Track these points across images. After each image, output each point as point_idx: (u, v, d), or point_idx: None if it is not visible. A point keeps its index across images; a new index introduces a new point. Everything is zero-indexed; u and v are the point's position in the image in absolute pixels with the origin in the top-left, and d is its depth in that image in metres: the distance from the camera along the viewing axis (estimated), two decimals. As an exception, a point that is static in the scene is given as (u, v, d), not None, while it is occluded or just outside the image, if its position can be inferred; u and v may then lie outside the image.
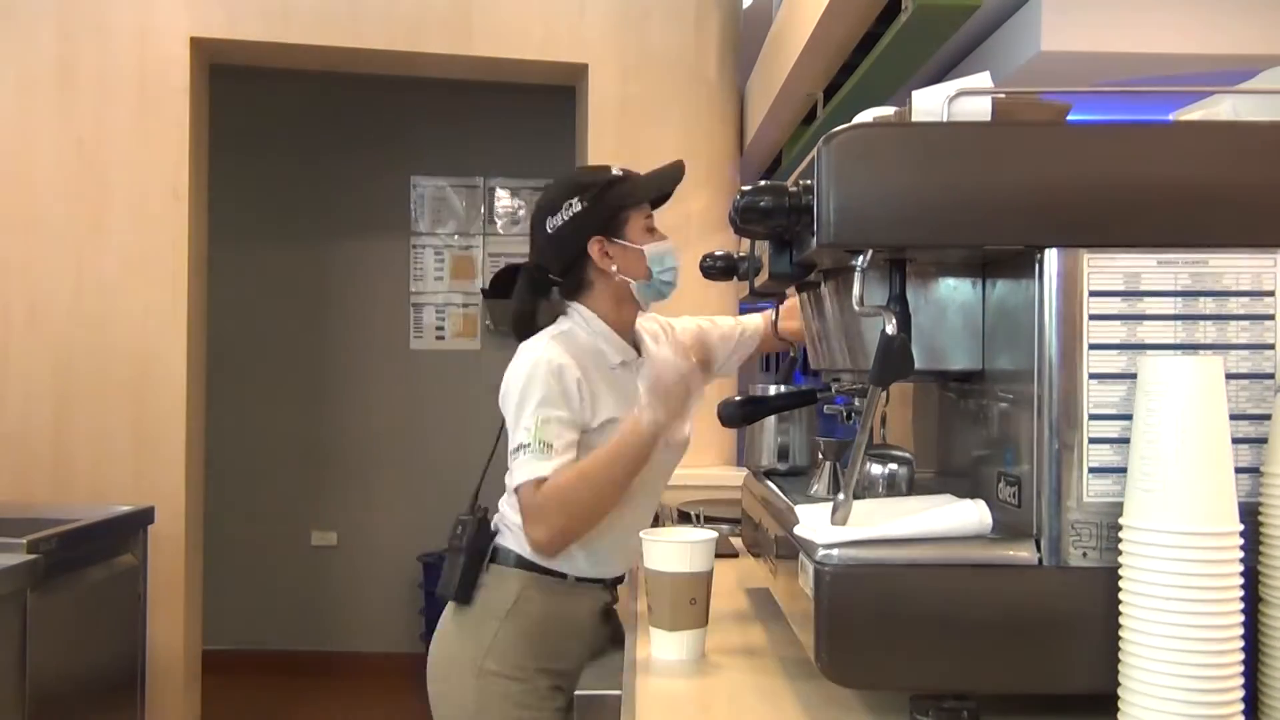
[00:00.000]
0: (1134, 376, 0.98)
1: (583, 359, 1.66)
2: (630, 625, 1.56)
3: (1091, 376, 1.01)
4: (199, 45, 3.24)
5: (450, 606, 1.73)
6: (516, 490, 1.59)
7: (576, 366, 1.63)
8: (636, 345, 1.79)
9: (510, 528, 1.70)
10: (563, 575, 1.69)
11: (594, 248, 1.69)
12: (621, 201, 1.69)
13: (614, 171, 1.72)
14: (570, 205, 1.69)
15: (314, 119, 4.75)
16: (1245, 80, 1.25)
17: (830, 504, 1.07)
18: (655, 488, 1.80)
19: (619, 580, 1.81)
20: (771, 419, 1.69)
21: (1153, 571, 0.91)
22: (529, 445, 1.57)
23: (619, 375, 1.72)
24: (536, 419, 1.58)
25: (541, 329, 1.73)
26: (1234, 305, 1.02)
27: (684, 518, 2.61)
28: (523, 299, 1.79)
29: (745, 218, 1.13)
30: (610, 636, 1.76)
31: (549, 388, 1.60)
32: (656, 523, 2.76)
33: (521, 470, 1.58)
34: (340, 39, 3.30)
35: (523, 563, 1.69)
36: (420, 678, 1.75)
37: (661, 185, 1.74)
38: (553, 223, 1.70)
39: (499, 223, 4.81)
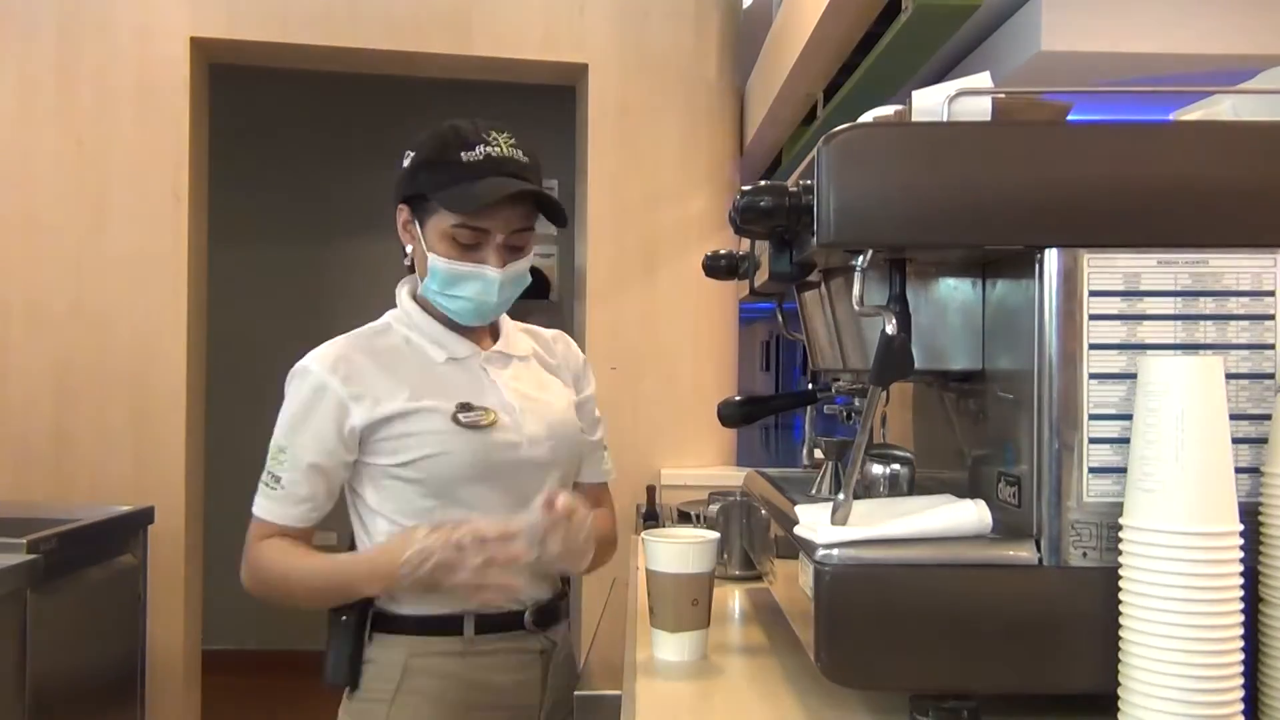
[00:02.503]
0: (1134, 376, 0.98)
1: (381, 359, 1.42)
2: (630, 624, 1.55)
3: (1091, 376, 1.01)
4: (199, 45, 3.24)
5: (343, 696, 1.44)
6: None
7: (345, 380, 1.38)
8: (495, 333, 1.53)
9: None
10: (458, 629, 1.40)
11: (399, 215, 1.44)
12: (427, 188, 1.38)
13: (464, 153, 1.35)
14: (405, 155, 1.43)
15: (314, 119, 4.75)
16: (1245, 80, 1.25)
17: (830, 504, 1.07)
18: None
19: (550, 610, 1.48)
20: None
21: (1153, 571, 0.91)
22: (264, 469, 1.40)
23: (447, 370, 1.44)
24: (274, 443, 1.40)
25: None
26: (1234, 305, 1.02)
27: (684, 518, 2.61)
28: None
29: (745, 218, 1.13)
30: (566, 686, 1.48)
31: (297, 411, 1.39)
32: (657, 523, 2.77)
33: (257, 495, 1.41)
34: (340, 39, 3.30)
35: (408, 624, 1.40)
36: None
37: (482, 197, 1.34)
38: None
39: (499, 223, 4.80)
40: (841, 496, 1.05)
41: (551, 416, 1.49)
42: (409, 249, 1.45)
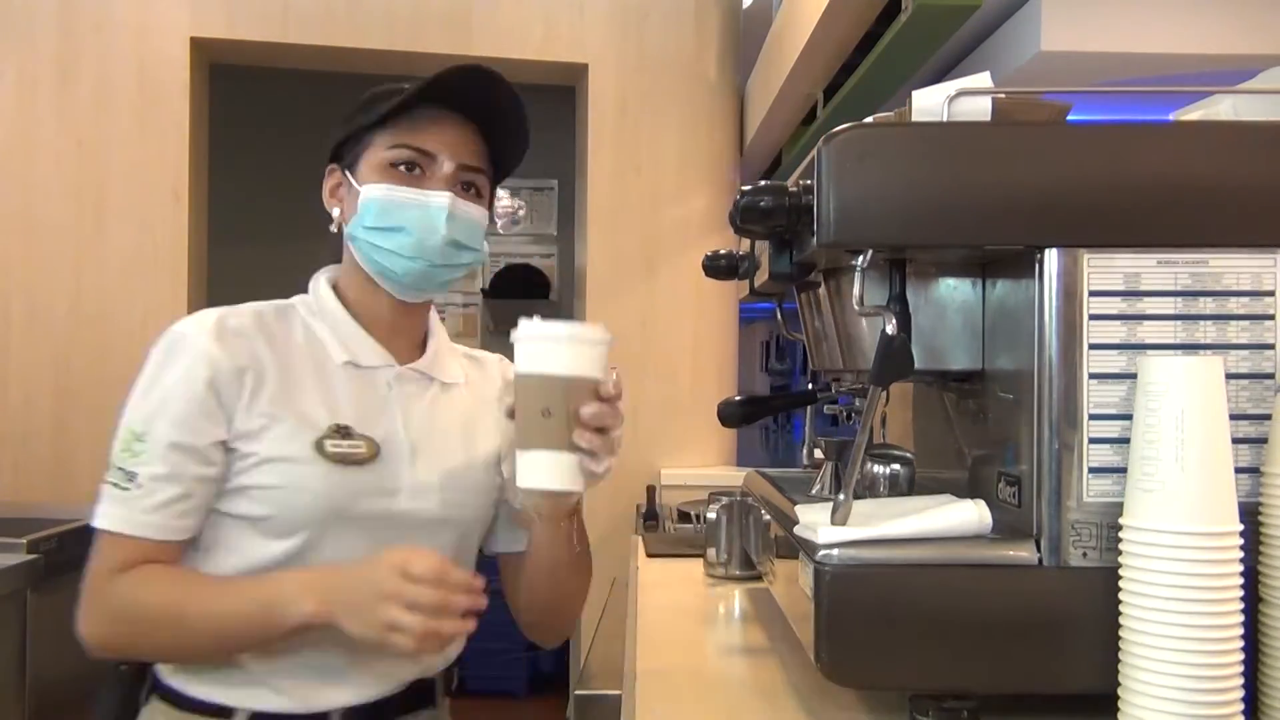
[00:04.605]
0: (1134, 376, 0.98)
1: (275, 347, 1.14)
2: (630, 624, 1.55)
3: (1091, 376, 1.01)
4: (199, 45, 3.24)
5: None
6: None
7: (240, 357, 1.11)
8: (421, 346, 1.25)
9: None
10: (227, 713, 1.10)
11: (328, 181, 1.22)
12: (364, 120, 1.18)
13: (404, 84, 1.18)
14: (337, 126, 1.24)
15: (314, 119, 4.75)
16: (1245, 80, 1.25)
17: (830, 504, 1.07)
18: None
19: (421, 692, 1.19)
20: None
21: (1153, 571, 0.91)
22: (110, 468, 1.10)
23: (342, 378, 1.17)
24: (128, 430, 1.09)
25: None
26: (1234, 305, 1.02)
27: (684, 517, 2.61)
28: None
29: (745, 218, 1.13)
30: None
31: (164, 387, 1.08)
32: (657, 523, 2.77)
33: (100, 502, 1.12)
34: (340, 39, 3.30)
35: (205, 709, 1.11)
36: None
37: (413, 89, 1.15)
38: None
39: (499, 223, 4.81)
40: (841, 496, 1.05)
41: (454, 464, 1.20)
42: (335, 212, 1.21)
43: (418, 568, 1.00)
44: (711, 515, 1.81)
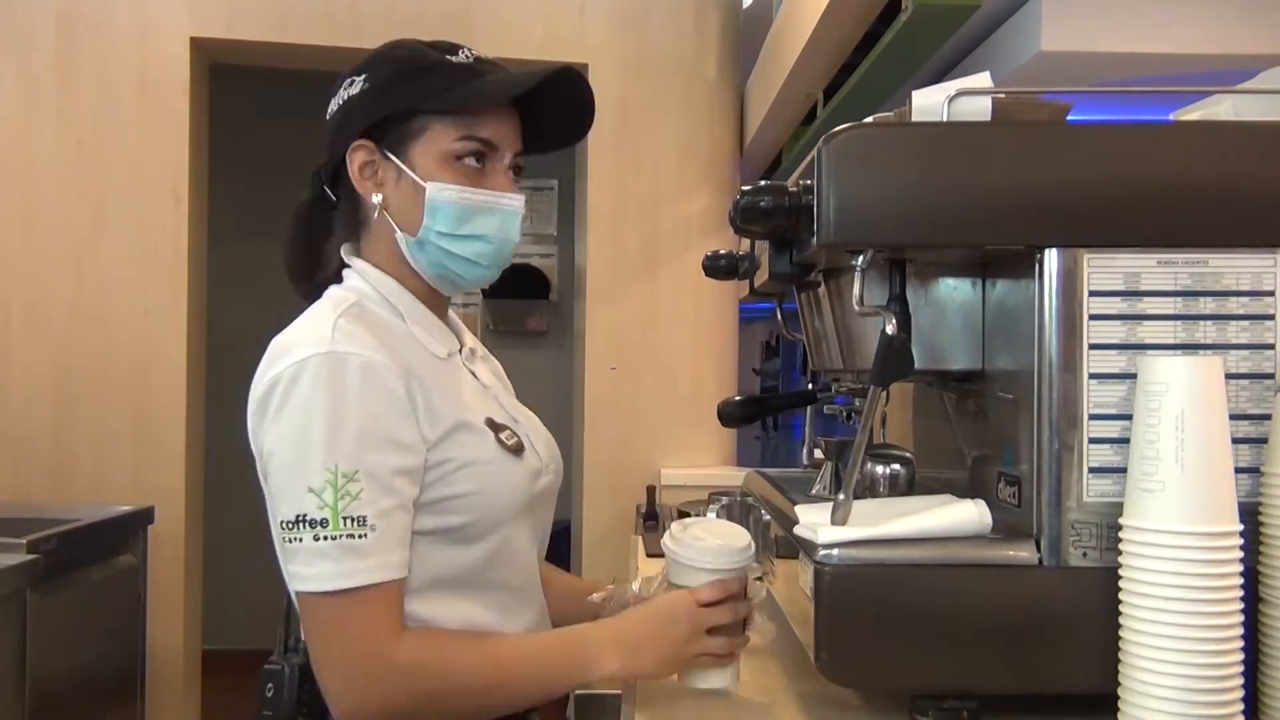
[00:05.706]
0: (1134, 376, 0.98)
1: (396, 346, 1.05)
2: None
3: (1091, 376, 1.01)
4: (199, 45, 3.24)
5: None
6: (299, 596, 1.00)
7: (399, 364, 1.01)
8: (458, 336, 1.20)
9: None
10: None
11: (355, 155, 1.09)
12: (419, 99, 1.07)
13: (450, 56, 1.09)
14: (351, 82, 1.11)
15: (314, 119, 4.75)
16: (1245, 80, 1.25)
17: (830, 504, 1.07)
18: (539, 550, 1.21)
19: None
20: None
21: (1153, 571, 0.91)
22: (321, 522, 0.94)
23: (451, 372, 1.12)
24: (331, 471, 0.94)
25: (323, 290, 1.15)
26: (1234, 305, 1.02)
27: (684, 518, 2.61)
28: (295, 231, 1.21)
29: (745, 218, 1.13)
30: None
31: (357, 414, 0.97)
32: (657, 523, 2.76)
33: (309, 567, 0.95)
34: (340, 39, 3.29)
35: None
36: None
37: (505, 89, 1.07)
38: (332, 106, 1.14)
39: (499, 223, 4.81)
40: (841, 496, 1.05)
41: (545, 433, 1.22)
42: (375, 199, 1.09)
43: (706, 595, 1.07)
44: (711, 515, 1.80)
